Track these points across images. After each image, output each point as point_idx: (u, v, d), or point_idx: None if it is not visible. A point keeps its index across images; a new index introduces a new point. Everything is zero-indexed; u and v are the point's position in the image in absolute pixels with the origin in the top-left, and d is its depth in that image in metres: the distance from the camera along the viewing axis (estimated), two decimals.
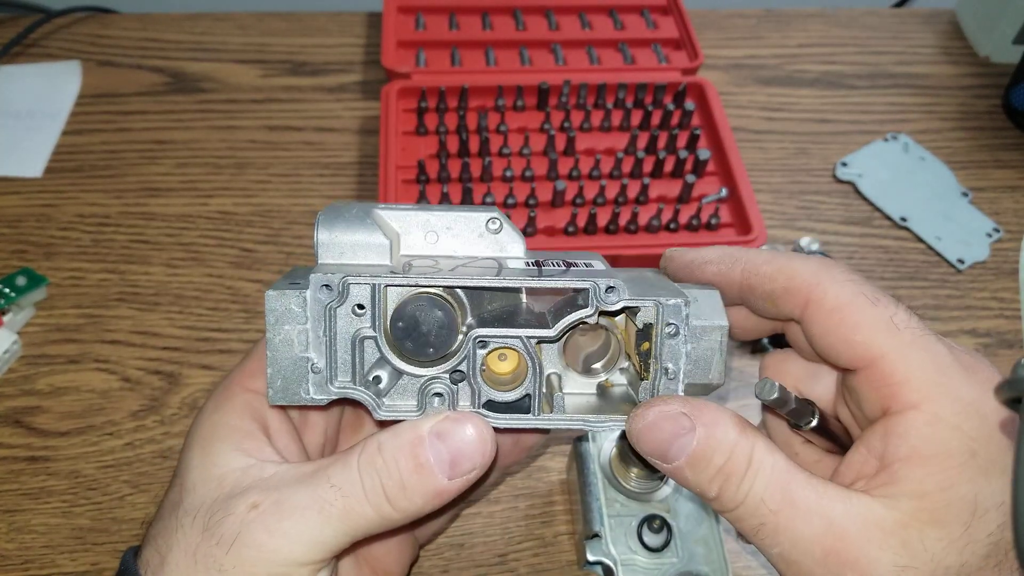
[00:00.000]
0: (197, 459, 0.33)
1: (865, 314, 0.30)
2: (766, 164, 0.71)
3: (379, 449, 0.31)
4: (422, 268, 0.31)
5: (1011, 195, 0.70)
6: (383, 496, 0.30)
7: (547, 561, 0.48)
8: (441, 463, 0.30)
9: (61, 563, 0.47)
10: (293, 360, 0.31)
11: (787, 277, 0.32)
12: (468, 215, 0.33)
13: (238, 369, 0.35)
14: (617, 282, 0.31)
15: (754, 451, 0.29)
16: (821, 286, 0.31)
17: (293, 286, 0.31)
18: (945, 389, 0.28)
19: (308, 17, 0.82)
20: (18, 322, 0.57)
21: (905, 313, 0.30)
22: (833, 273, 0.31)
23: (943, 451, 0.28)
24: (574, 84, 0.70)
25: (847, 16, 0.86)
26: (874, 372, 0.29)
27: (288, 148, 0.70)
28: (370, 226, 0.33)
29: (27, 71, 0.75)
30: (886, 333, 0.29)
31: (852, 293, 0.30)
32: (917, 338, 0.29)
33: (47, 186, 0.66)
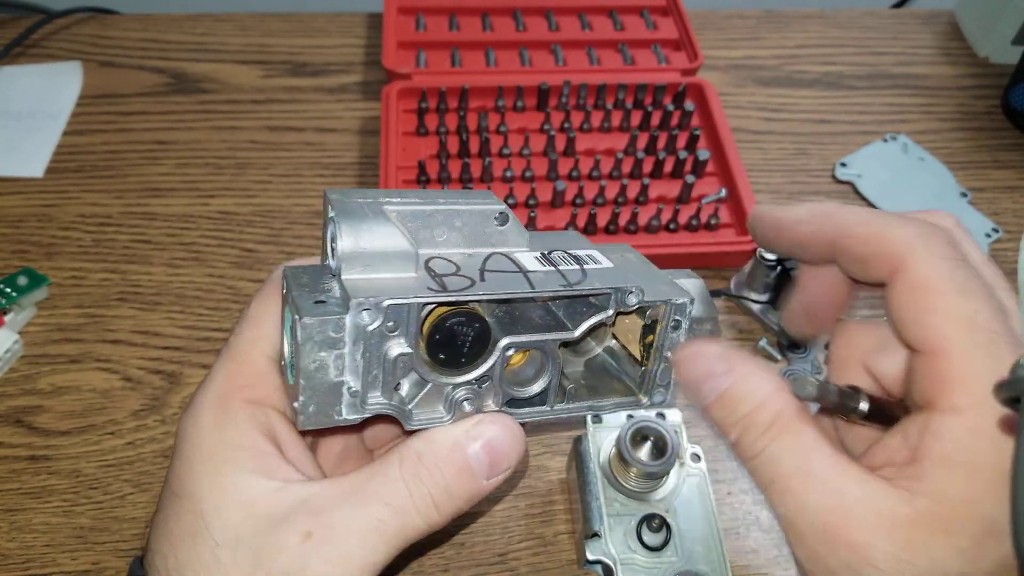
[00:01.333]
0: (212, 484, 0.31)
1: (948, 301, 0.28)
2: (765, 164, 0.72)
3: (420, 459, 0.31)
4: (453, 280, 0.30)
5: (1010, 195, 0.71)
6: (432, 504, 0.31)
7: (547, 560, 0.48)
8: (481, 465, 0.31)
9: (62, 562, 0.47)
10: (328, 385, 0.29)
11: (880, 241, 0.30)
12: (477, 208, 0.33)
13: (226, 376, 0.33)
14: (636, 287, 0.32)
15: (783, 411, 0.29)
16: (914, 257, 0.29)
17: (321, 306, 0.29)
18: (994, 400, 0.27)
19: (308, 18, 0.82)
20: (19, 322, 0.57)
21: (992, 312, 0.28)
22: (931, 245, 0.29)
23: (975, 463, 0.27)
24: (574, 85, 0.70)
25: (846, 17, 0.86)
26: (934, 362, 0.28)
27: (289, 148, 0.70)
28: (391, 231, 0.31)
29: (28, 71, 0.75)
30: (961, 327, 0.28)
31: (944, 274, 0.28)
32: (991, 342, 0.27)
33: (48, 186, 0.66)
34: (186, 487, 0.31)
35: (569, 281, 0.31)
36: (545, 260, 0.33)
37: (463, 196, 0.33)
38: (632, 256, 0.36)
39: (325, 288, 0.30)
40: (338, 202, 0.31)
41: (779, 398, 0.30)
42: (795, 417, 0.29)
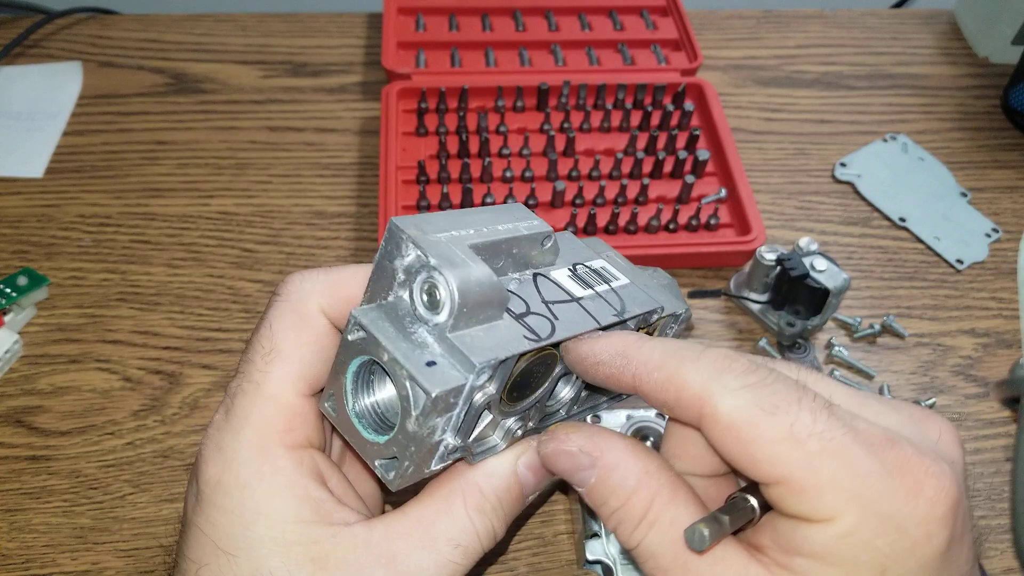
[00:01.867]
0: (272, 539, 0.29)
1: (762, 429, 0.26)
2: (765, 165, 0.72)
3: (483, 494, 0.32)
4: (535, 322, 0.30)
5: (1010, 195, 0.71)
6: (493, 533, 0.32)
7: (547, 560, 0.48)
8: (528, 487, 0.33)
9: (62, 562, 0.47)
10: (431, 447, 0.29)
11: (677, 388, 0.28)
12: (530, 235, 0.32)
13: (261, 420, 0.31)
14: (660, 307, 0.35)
15: (653, 503, 0.29)
16: (712, 399, 0.27)
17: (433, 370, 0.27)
18: (861, 501, 0.25)
19: (308, 18, 0.82)
20: (19, 322, 0.57)
21: (810, 416, 0.26)
22: (725, 381, 0.27)
23: (849, 565, 0.26)
24: (574, 85, 0.70)
25: (846, 17, 0.86)
26: (781, 489, 0.27)
27: (288, 149, 0.70)
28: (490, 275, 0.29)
29: (28, 72, 0.75)
30: (788, 446, 0.26)
31: (747, 404, 0.27)
32: (826, 445, 0.26)
33: (48, 186, 0.66)
34: (241, 546, 0.30)
35: (617, 309, 0.34)
36: (579, 281, 0.34)
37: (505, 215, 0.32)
38: (613, 255, 0.39)
39: (418, 341, 0.28)
40: (422, 240, 0.28)
41: (649, 485, 0.29)
42: (668, 503, 0.29)
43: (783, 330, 0.57)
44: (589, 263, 0.36)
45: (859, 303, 0.62)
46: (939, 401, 0.56)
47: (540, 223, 0.33)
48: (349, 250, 0.63)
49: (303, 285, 0.33)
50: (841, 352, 0.58)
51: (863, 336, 0.60)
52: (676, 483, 0.29)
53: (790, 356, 0.58)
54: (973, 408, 0.57)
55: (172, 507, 0.49)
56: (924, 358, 0.59)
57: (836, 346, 0.58)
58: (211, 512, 0.30)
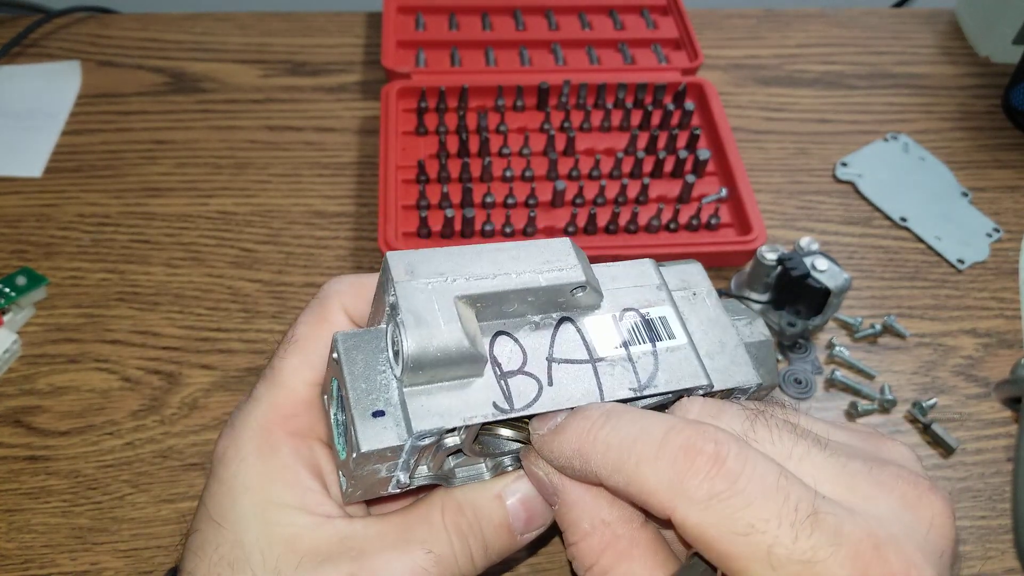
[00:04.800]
0: (254, 516, 0.30)
1: (735, 547, 0.24)
2: (766, 164, 0.71)
3: (461, 510, 0.31)
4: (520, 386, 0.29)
5: (1011, 195, 0.70)
6: (470, 557, 0.31)
7: (547, 561, 0.48)
8: (518, 521, 0.32)
9: (61, 562, 0.47)
10: (377, 481, 0.29)
11: (641, 497, 0.26)
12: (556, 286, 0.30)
13: (270, 405, 0.32)
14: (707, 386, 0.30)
15: (605, 552, 0.28)
16: (679, 512, 0.25)
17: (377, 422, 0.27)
18: None
19: (308, 17, 0.82)
20: (18, 322, 0.57)
21: (791, 534, 0.24)
22: (689, 490, 0.25)
23: None
24: (574, 84, 0.70)
25: (847, 16, 0.86)
26: None
27: (288, 148, 0.70)
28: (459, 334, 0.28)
29: (27, 71, 0.75)
30: (763, 569, 0.24)
31: (716, 523, 0.24)
32: (803, 570, 0.24)
33: (47, 186, 0.66)
34: (227, 516, 0.31)
35: (640, 381, 0.30)
36: (618, 333, 0.31)
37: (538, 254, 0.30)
38: (703, 293, 0.34)
39: (381, 384, 0.28)
40: (402, 285, 0.28)
41: (602, 534, 0.28)
42: (622, 557, 0.28)
43: (784, 330, 0.57)
44: (646, 310, 0.31)
45: (860, 303, 0.62)
46: (940, 401, 0.56)
47: (575, 270, 0.30)
48: (348, 250, 0.63)
49: (333, 286, 0.35)
50: (842, 352, 0.58)
51: (864, 336, 0.59)
52: (636, 537, 0.28)
53: (791, 356, 0.57)
54: (974, 408, 0.56)
55: (171, 507, 0.49)
56: (925, 358, 0.59)
57: (837, 346, 0.58)
58: (211, 482, 0.32)
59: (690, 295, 0.34)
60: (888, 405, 0.55)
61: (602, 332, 0.31)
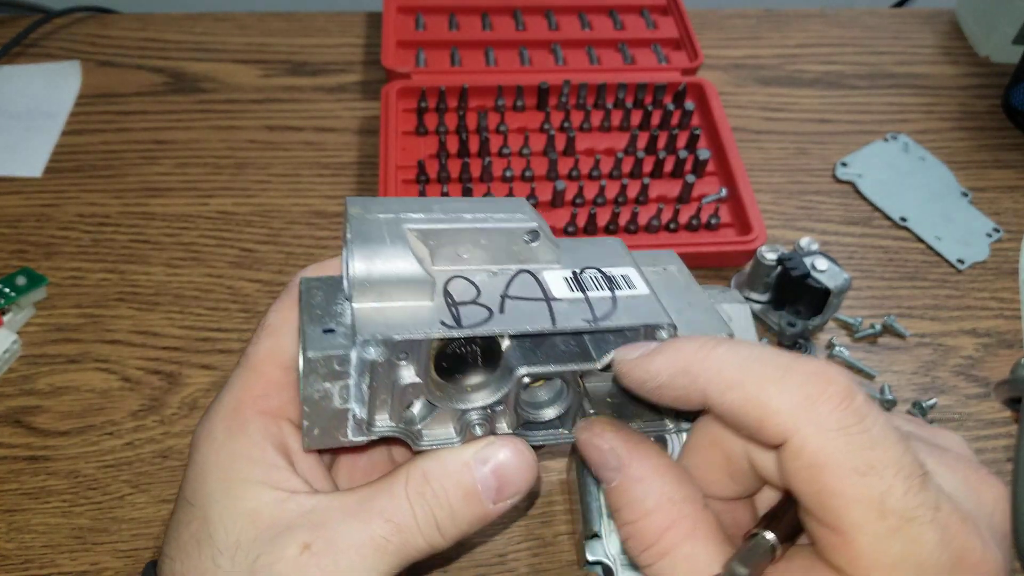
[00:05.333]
0: (220, 492, 0.31)
1: (849, 485, 0.24)
2: (766, 164, 0.71)
3: (426, 479, 0.30)
4: (469, 310, 0.29)
5: (1011, 195, 0.70)
6: (435, 526, 0.30)
7: (547, 561, 0.48)
8: (488, 489, 0.31)
9: (61, 563, 0.47)
10: (332, 412, 0.29)
11: (759, 415, 0.25)
12: (507, 227, 0.31)
13: (242, 387, 0.33)
14: (668, 323, 0.30)
15: (670, 531, 0.27)
16: (800, 434, 0.24)
17: (330, 335, 0.28)
18: None
19: (308, 17, 0.82)
20: (18, 322, 0.57)
21: (903, 488, 0.24)
22: (819, 416, 0.24)
23: None
24: (574, 84, 0.70)
25: (847, 16, 0.86)
26: (841, 542, 0.25)
27: (288, 148, 0.70)
28: (407, 256, 0.29)
29: (27, 71, 0.75)
30: (867, 514, 0.24)
31: (839, 455, 0.24)
32: (904, 525, 0.24)
33: (47, 186, 0.66)
34: (197, 495, 0.31)
35: (595, 315, 0.30)
36: (575, 283, 0.31)
37: (493, 207, 0.31)
38: (674, 269, 0.34)
39: (337, 312, 0.29)
40: (356, 219, 0.29)
41: (668, 512, 0.27)
42: (687, 536, 0.27)
43: (784, 330, 0.57)
44: (608, 269, 0.32)
45: (860, 303, 0.62)
46: (940, 401, 0.56)
47: (527, 219, 0.31)
48: None
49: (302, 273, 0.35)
50: (842, 352, 0.58)
51: (864, 336, 0.59)
52: (699, 518, 0.28)
53: None
54: (974, 408, 0.56)
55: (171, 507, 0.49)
56: (925, 358, 0.59)
57: (837, 346, 0.58)
58: (187, 467, 0.33)
59: (660, 270, 0.34)
60: (888, 405, 0.55)
61: (560, 282, 0.31)
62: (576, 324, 0.29)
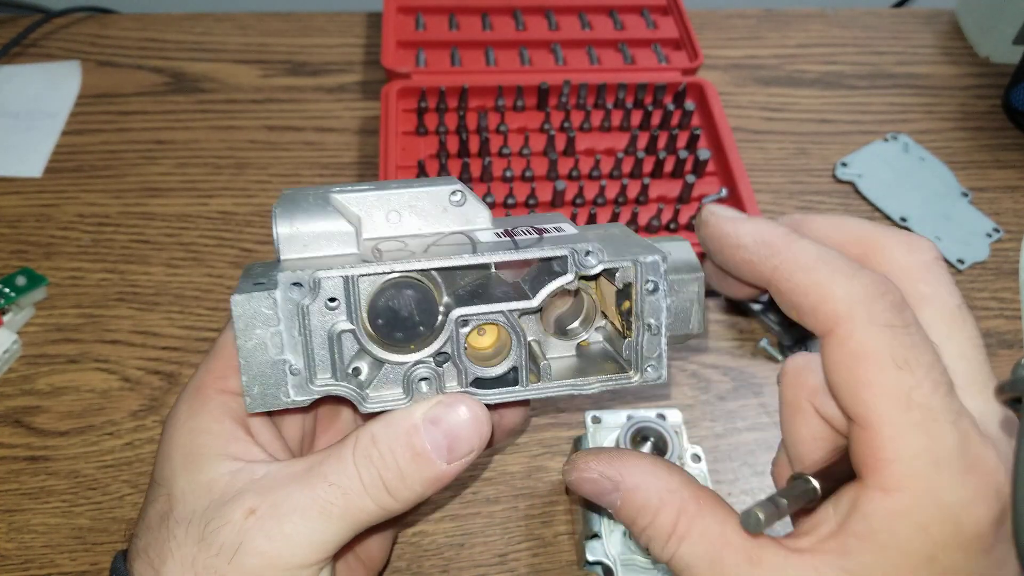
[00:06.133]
0: (182, 468, 0.32)
1: (883, 376, 0.26)
2: (766, 164, 0.71)
3: (373, 441, 0.30)
4: (392, 252, 0.30)
5: (1011, 195, 0.70)
6: (383, 488, 0.30)
7: (547, 561, 0.48)
8: (439, 449, 0.30)
9: (61, 563, 0.47)
10: (269, 364, 0.29)
11: (819, 296, 0.28)
12: (430, 190, 0.31)
13: (205, 371, 0.34)
14: (595, 246, 0.30)
15: (680, 517, 0.29)
16: (851, 323, 0.27)
17: (259, 286, 0.29)
18: (928, 486, 0.26)
19: (308, 17, 0.82)
20: (18, 322, 0.57)
21: (932, 387, 0.26)
22: (873, 311, 0.27)
23: (901, 546, 0.26)
24: (574, 84, 0.70)
25: (847, 16, 0.86)
26: (866, 436, 0.27)
27: (288, 148, 0.70)
28: (331, 213, 0.31)
29: (27, 71, 0.75)
30: (895, 405, 0.26)
31: (882, 344, 0.26)
32: (927, 421, 0.26)
33: (47, 186, 0.66)
34: (163, 473, 0.32)
35: (518, 247, 0.30)
36: (504, 235, 0.31)
37: (420, 182, 0.32)
38: (616, 231, 0.34)
39: (271, 274, 0.30)
40: (286, 196, 0.31)
41: (672, 502, 0.29)
42: (695, 516, 0.29)
43: (784, 330, 0.57)
44: (540, 224, 0.33)
45: None
46: None
47: (451, 182, 0.32)
48: None
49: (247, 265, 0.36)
50: None
51: None
52: (701, 496, 0.30)
53: None
54: None
55: None
56: None
57: None
58: (158, 449, 0.34)
59: (602, 232, 0.34)
60: None
61: (489, 235, 0.31)
62: (495, 253, 0.30)
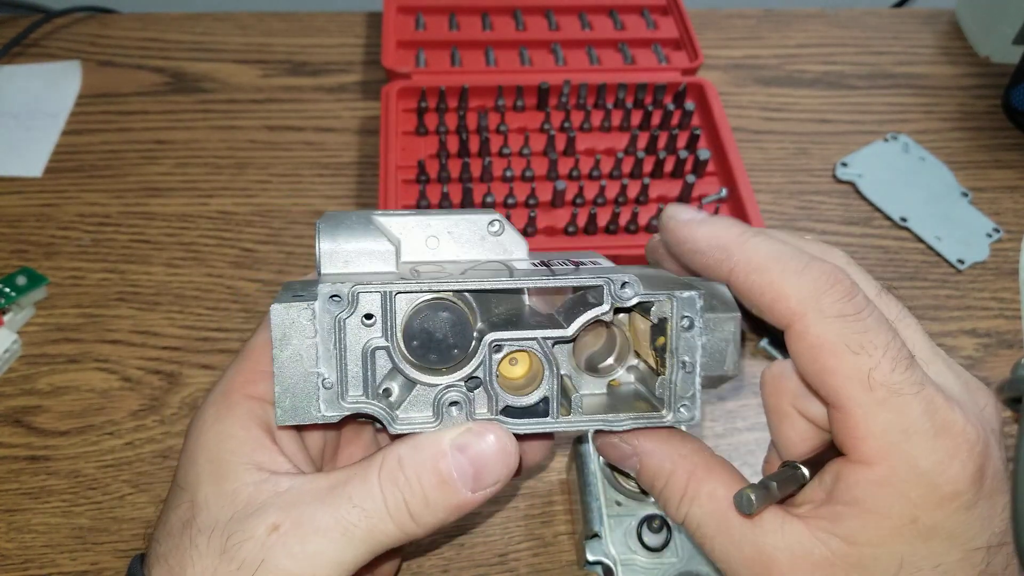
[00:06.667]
0: (207, 474, 0.31)
1: (842, 362, 0.28)
2: (766, 164, 0.71)
3: (400, 465, 0.30)
4: (430, 273, 0.30)
5: (1011, 195, 0.70)
6: (406, 513, 0.30)
7: (547, 561, 0.48)
8: (465, 477, 0.30)
9: (61, 563, 0.47)
10: (302, 376, 0.29)
11: (773, 298, 0.30)
12: (469, 218, 0.32)
13: (234, 374, 0.34)
14: (631, 277, 0.30)
15: (690, 480, 0.31)
16: (805, 318, 0.29)
17: (299, 298, 0.29)
18: (902, 454, 0.28)
19: (308, 17, 0.82)
20: (18, 321, 0.57)
21: (890, 366, 0.28)
22: (823, 305, 0.29)
23: (883, 511, 0.28)
24: (574, 84, 0.70)
25: (847, 16, 0.86)
26: (840, 416, 0.29)
27: (288, 148, 0.70)
28: (373, 232, 0.32)
29: (27, 71, 0.75)
30: (858, 387, 0.28)
31: (835, 335, 0.29)
32: (891, 397, 0.28)
33: (47, 186, 0.66)
34: (187, 478, 0.32)
35: (553, 273, 0.31)
36: (541, 265, 0.32)
37: (460, 211, 0.33)
38: (651, 271, 0.35)
39: (310, 289, 0.30)
40: (329, 215, 0.32)
41: (683, 466, 0.32)
42: (704, 479, 0.31)
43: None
44: (578, 258, 0.33)
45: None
46: None
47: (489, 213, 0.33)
48: None
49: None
50: None
51: None
52: (711, 462, 0.32)
53: None
54: None
55: None
56: None
57: None
58: (181, 452, 0.34)
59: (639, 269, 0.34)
60: None
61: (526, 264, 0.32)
62: (533, 278, 0.30)
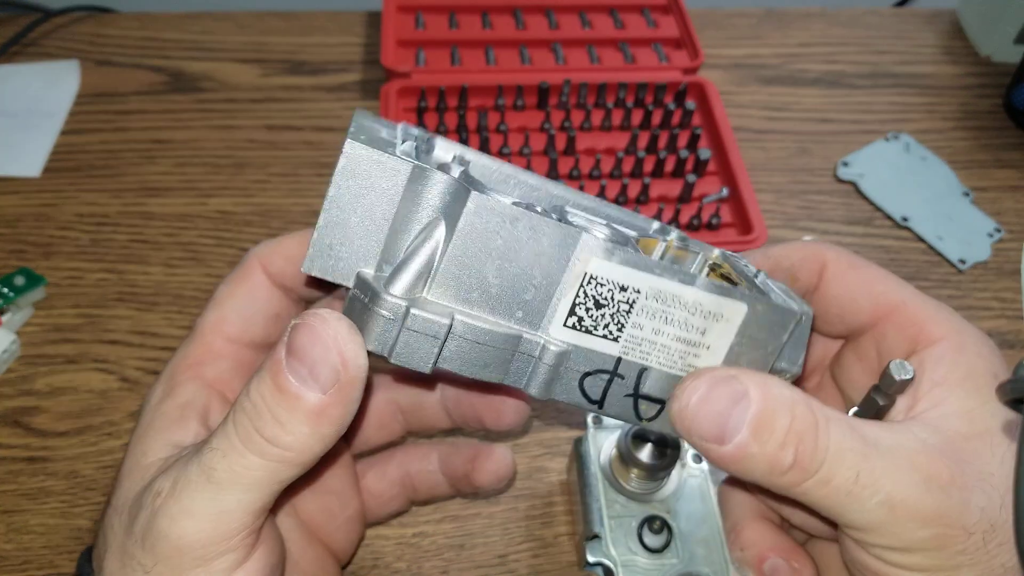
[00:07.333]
0: (130, 453, 0.31)
1: (879, 271, 0.34)
2: (767, 164, 0.71)
3: (246, 392, 0.27)
4: None
5: (1013, 195, 0.70)
6: (261, 440, 0.26)
7: (547, 562, 0.48)
8: (302, 378, 0.26)
9: (60, 563, 0.47)
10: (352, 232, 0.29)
11: (801, 253, 0.36)
12: None
13: (182, 355, 0.34)
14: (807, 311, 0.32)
15: (811, 401, 0.27)
16: (834, 251, 0.35)
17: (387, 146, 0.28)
18: (962, 326, 0.32)
19: (307, 16, 0.82)
20: (16, 322, 0.57)
21: None
22: (841, 252, 0.35)
23: (972, 374, 0.30)
24: (574, 83, 0.70)
25: (848, 16, 0.86)
26: (899, 316, 0.33)
27: (287, 148, 0.70)
28: None
29: (25, 70, 0.75)
30: (900, 285, 0.33)
31: (861, 260, 0.35)
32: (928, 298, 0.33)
33: (45, 186, 0.66)
34: (128, 468, 0.32)
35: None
36: None
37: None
38: None
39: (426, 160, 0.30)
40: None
41: (799, 393, 0.27)
42: (823, 404, 0.28)
43: None
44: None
45: None
46: None
47: None
48: None
49: (253, 249, 0.36)
50: None
51: None
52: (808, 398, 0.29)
53: None
54: None
55: None
56: None
57: None
58: None
59: None
60: None
61: None
62: None
